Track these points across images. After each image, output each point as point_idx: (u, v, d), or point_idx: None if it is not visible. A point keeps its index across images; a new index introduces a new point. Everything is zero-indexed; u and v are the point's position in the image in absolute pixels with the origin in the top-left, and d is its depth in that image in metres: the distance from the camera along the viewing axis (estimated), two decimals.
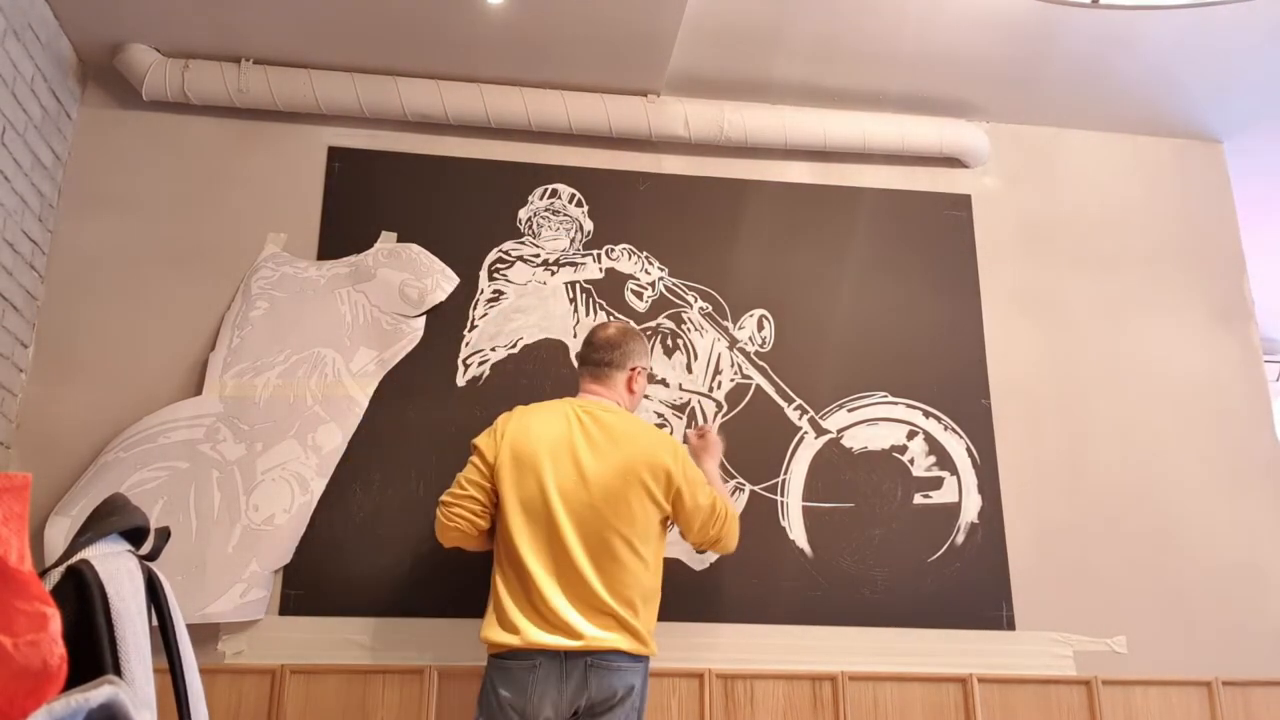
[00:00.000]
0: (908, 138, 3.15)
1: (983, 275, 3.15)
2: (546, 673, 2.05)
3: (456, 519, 2.19)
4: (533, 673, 2.05)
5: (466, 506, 2.20)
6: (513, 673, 2.07)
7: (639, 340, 2.43)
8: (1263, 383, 3.17)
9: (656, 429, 2.38)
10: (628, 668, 2.09)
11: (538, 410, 2.30)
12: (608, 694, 2.05)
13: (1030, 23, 2.81)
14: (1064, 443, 3.01)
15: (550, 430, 2.22)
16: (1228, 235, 3.31)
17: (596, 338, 2.39)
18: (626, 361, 2.37)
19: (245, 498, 2.61)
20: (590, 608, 2.09)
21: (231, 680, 2.51)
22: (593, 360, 2.37)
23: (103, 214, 2.84)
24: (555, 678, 2.05)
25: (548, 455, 2.18)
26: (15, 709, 0.82)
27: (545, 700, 2.04)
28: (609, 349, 2.36)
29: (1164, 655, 2.83)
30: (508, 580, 2.14)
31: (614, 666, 2.07)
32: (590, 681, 2.04)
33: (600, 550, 2.12)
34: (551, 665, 2.05)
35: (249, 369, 2.72)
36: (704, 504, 2.26)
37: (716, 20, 2.81)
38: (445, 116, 2.97)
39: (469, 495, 2.20)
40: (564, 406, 2.29)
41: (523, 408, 2.33)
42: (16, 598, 0.85)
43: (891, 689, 2.70)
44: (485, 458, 2.23)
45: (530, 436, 2.21)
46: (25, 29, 2.56)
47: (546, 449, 2.19)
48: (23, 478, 0.92)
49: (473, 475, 2.23)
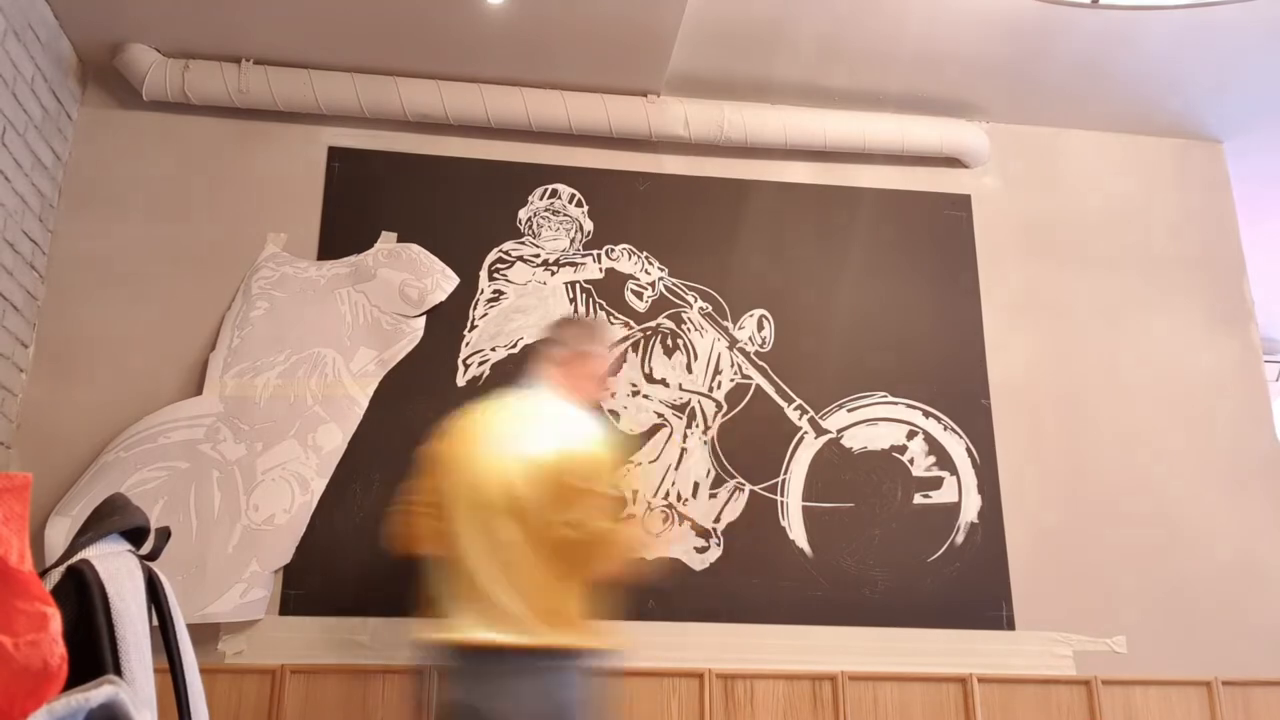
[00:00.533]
0: (908, 138, 3.15)
1: (983, 275, 3.15)
2: (483, 669, 1.99)
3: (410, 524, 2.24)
4: (464, 669, 2.01)
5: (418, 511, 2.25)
6: (457, 669, 2.03)
7: (596, 330, 2.45)
8: (1263, 383, 3.17)
9: (584, 423, 2.22)
10: (556, 665, 1.99)
11: (482, 405, 2.29)
12: (548, 689, 1.99)
13: (1030, 23, 2.81)
14: (1064, 443, 3.01)
15: (487, 423, 2.23)
16: (1228, 235, 3.31)
17: (557, 325, 2.42)
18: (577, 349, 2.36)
19: (245, 498, 2.61)
20: (532, 604, 2.01)
21: (231, 680, 2.51)
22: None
23: (103, 214, 2.84)
24: (484, 674, 1.99)
25: (483, 447, 2.17)
26: (15, 709, 0.82)
27: (491, 698, 1.98)
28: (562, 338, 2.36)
29: (1164, 655, 2.83)
30: (453, 579, 2.11)
31: (553, 665, 1.99)
32: (534, 678, 1.99)
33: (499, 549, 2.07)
34: (490, 661, 1.99)
35: (249, 369, 2.72)
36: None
37: (716, 20, 2.81)
38: (445, 116, 2.97)
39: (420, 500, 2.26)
40: (505, 396, 2.30)
41: (473, 405, 2.32)
42: (17, 598, 0.85)
43: (891, 689, 2.70)
44: (433, 462, 2.24)
45: (470, 431, 2.23)
46: (25, 29, 2.56)
47: (483, 442, 2.18)
48: (23, 478, 0.92)
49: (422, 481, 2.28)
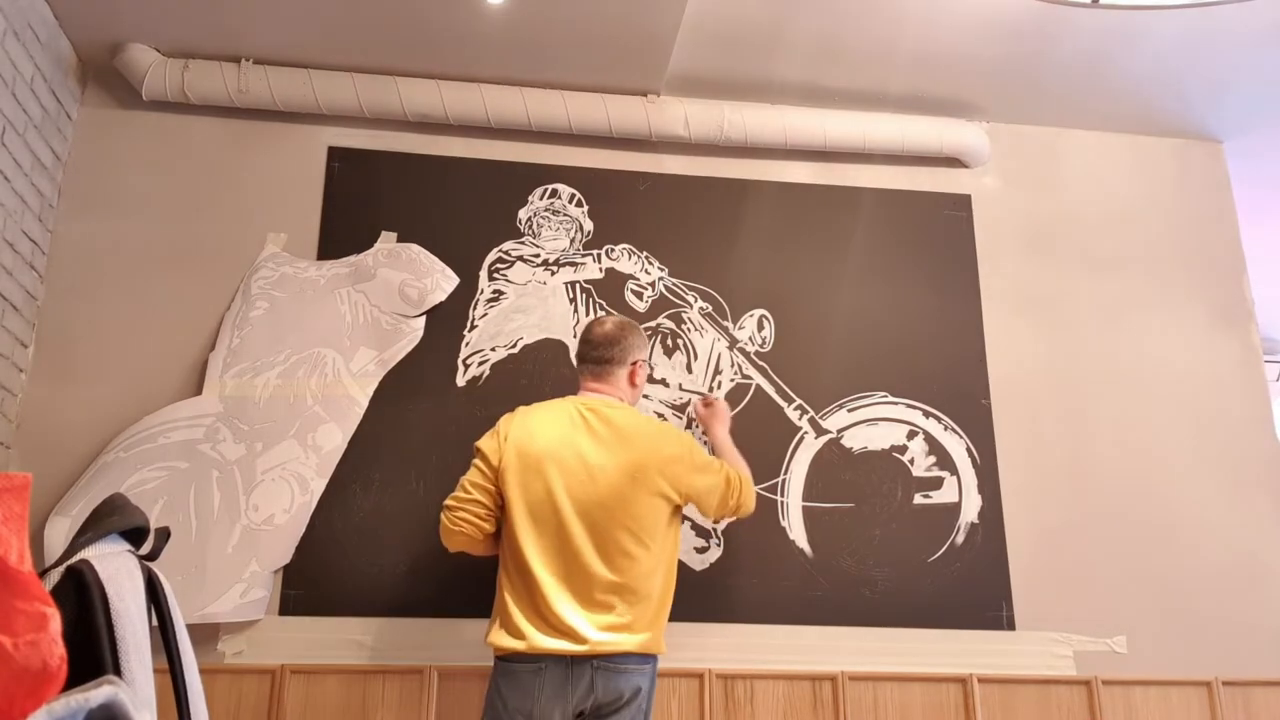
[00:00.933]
0: (908, 138, 3.15)
1: (983, 275, 3.15)
2: (552, 676, 2.03)
3: (461, 523, 2.16)
4: (538, 676, 2.03)
5: (471, 510, 2.17)
6: (518, 676, 2.05)
7: (638, 334, 2.42)
8: (1263, 383, 3.17)
9: (662, 422, 2.38)
10: (635, 669, 2.07)
11: (541, 410, 2.28)
12: (614, 696, 2.04)
13: (1030, 23, 2.81)
14: (1064, 442, 3.01)
15: (555, 430, 2.20)
16: (1228, 235, 3.31)
17: (594, 334, 2.37)
18: (627, 356, 2.35)
19: (245, 498, 2.61)
20: (598, 610, 2.07)
21: (231, 680, 2.51)
22: (592, 358, 2.35)
23: (103, 214, 2.84)
24: (561, 681, 2.03)
25: (554, 455, 2.16)
26: (15, 709, 0.82)
27: (553, 706, 2.02)
28: (609, 345, 2.34)
29: (1164, 655, 2.83)
30: (513, 585, 2.12)
31: (621, 669, 2.05)
32: (597, 684, 2.03)
33: (610, 550, 2.10)
34: (557, 669, 2.03)
35: (249, 369, 2.72)
36: (715, 483, 2.27)
37: (716, 20, 2.81)
38: (445, 116, 2.97)
39: (473, 499, 2.17)
40: (567, 405, 2.27)
41: (525, 408, 2.31)
42: (16, 598, 0.85)
43: (891, 689, 2.70)
44: (489, 460, 2.20)
45: (535, 437, 2.19)
46: (25, 29, 2.56)
47: (552, 449, 2.17)
48: (23, 478, 0.92)
49: (476, 478, 2.20)
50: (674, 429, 2.35)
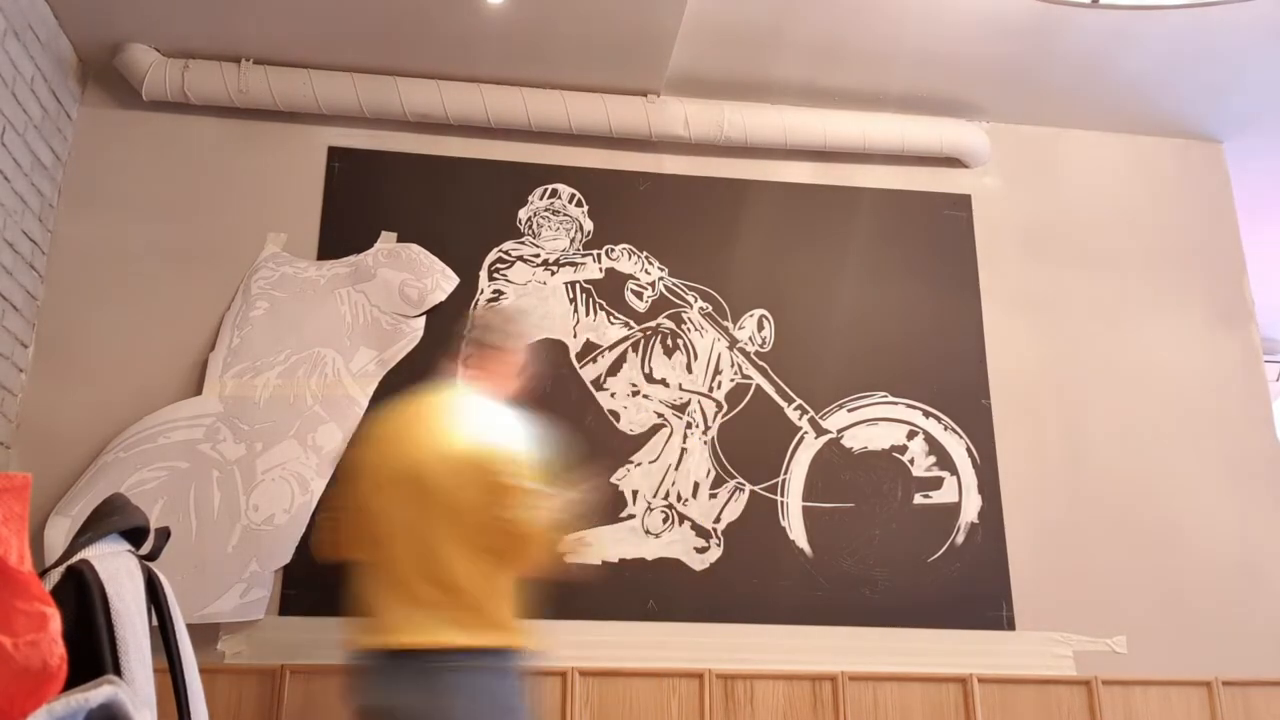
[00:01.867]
0: (908, 138, 3.15)
1: (983, 275, 3.15)
2: (381, 671, 1.95)
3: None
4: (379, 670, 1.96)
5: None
6: (364, 671, 1.99)
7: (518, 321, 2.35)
8: (1263, 383, 3.17)
9: (500, 419, 2.20)
10: (468, 664, 1.96)
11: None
12: (452, 690, 1.93)
13: (1030, 23, 2.81)
14: (1064, 443, 3.01)
15: (395, 422, 2.17)
16: (1228, 235, 3.31)
17: (478, 316, 2.35)
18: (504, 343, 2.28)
19: (245, 498, 2.61)
20: (422, 602, 1.97)
21: (231, 680, 2.51)
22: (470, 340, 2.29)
23: (103, 214, 2.84)
24: (389, 675, 1.95)
25: (395, 443, 2.11)
26: (15, 709, 0.82)
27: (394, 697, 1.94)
28: (485, 329, 2.29)
29: (1164, 655, 2.83)
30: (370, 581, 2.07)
31: (456, 665, 1.95)
32: (421, 682, 1.93)
33: (430, 545, 2.01)
34: (386, 664, 1.96)
35: (249, 369, 2.72)
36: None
37: (716, 20, 2.81)
38: (445, 116, 2.97)
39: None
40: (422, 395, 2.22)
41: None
42: (16, 598, 0.85)
43: (891, 689, 2.70)
44: None
45: (388, 427, 2.16)
46: (25, 29, 2.56)
47: (396, 438, 2.13)
48: (23, 478, 0.92)
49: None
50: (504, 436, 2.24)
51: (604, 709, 2.59)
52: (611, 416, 2.86)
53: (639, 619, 2.69)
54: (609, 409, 2.87)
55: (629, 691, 2.59)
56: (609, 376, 2.90)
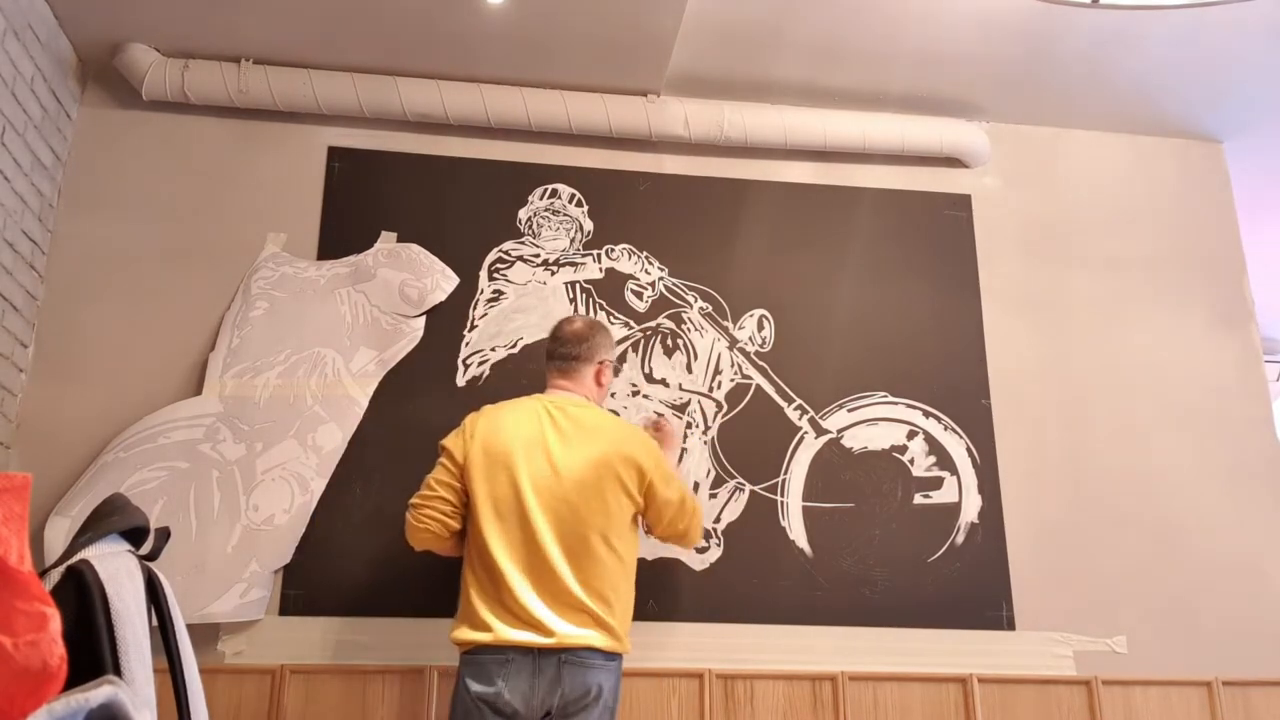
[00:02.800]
0: (908, 138, 3.15)
1: (983, 275, 3.15)
2: (518, 668, 2.03)
3: (427, 520, 2.18)
4: (504, 666, 2.03)
5: (437, 507, 2.19)
6: (484, 666, 2.05)
7: (605, 334, 2.43)
8: (1263, 383, 3.17)
9: (627, 422, 2.37)
10: (600, 665, 2.07)
11: (507, 408, 2.29)
12: (580, 692, 2.03)
13: (1030, 23, 2.81)
14: (1064, 443, 3.01)
15: (521, 428, 2.21)
16: (1228, 235, 3.31)
17: (563, 332, 2.39)
18: (594, 355, 2.36)
19: (245, 498, 2.61)
20: (564, 604, 2.08)
21: (231, 680, 2.51)
22: (560, 355, 2.36)
23: (103, 214, 2.84)
24: (527, 673, 2.02)
25: (520, 452, 2.17)
26: (15, 709, 0.82)
27: (516, 693, 2.01)
28: (576, 343, 2.36)
29: (1164, 655, 2.83)
30: (479, 580, 2.13)
31: (588, 664, 2.05)
32: (564, 679, 2.02)
33: (575, 545, 2.12)
34: (523, 661, 2.03)
35: (249, 369, 2.72)
36: (674, 497, 2.26)
37: (716, 20, 2.81)
38: (445, 116, 2.97)
39: (439, 496, 2.19)
40: (533, 403, 2.28)
41: (491, 406, 2.32)
42: (16, 598, 0.85)
43: (891, 689, 2.70)
44: (454, 458, 2.21)
45: (501, 434, 2.20)
46: (25, 29, 2.56)
47: (518, 446, 2.18)
48: (23, 478, 0.92)
49: (442, 476, 2.21)
50: (640, 432, 2.35)
51: None
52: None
53: (639, 619, 2.68)
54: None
55: (629, 691, 2.58)
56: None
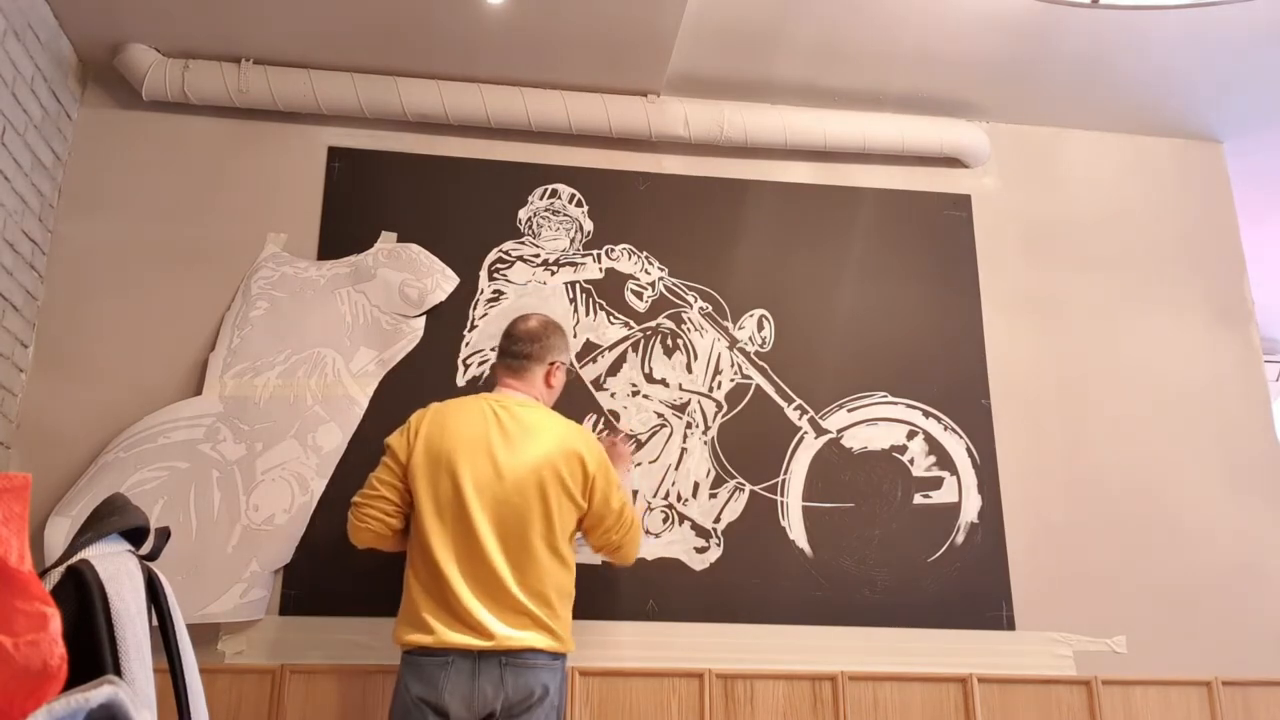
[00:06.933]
0: (908, 138, 3.15)
1: (983, 275, 3.15)
2: (459, 670, 2.02)
3: (368, 519, 2.18)
4: (445, 669, 2.03)
5: (378, 506, 2.19)
6: (424, 668, 2.04)
7: (560, 334, 2.40)
8: (1263, 383, 3.17)
9: (575, 424, 2.32)
10: (545, 665, 2.07)
11: (453, 406, 2.27)
12: (525, 693, 2.02)
13: (1030, 23, 2.81)
14: (1064, 443, 3.01)
15: (466, 427, 2.20)
16: (1228, 235, 3.31)
17: (516, 330, 2.36)
18: (546, 355, 2.34)
19: (245, 498, 2.61)
20: (504, 607, 2.07)
21: (231, 680, 2.51)
22: (511, 353, 2.34)
23: (103, 214, 2.84)
24: (467, 675, 2.02)
25: (463, 453, 2.15)
26: (15, 709, 0.82)
27: (456, 695, 2.01)
28: (528, 341, 2.33)
29: (1164, 655, 2.83)
30: (421, 581, 2.12)
31: (531, 665, 2.05)
32: (507, 681, 2.02)
33: (516, 547, 2.11)
34: (464, 664, 2.03)
35: (249, 369, 2.72)
36: (614, 504, 2.25)
37: (716, 20, 2.81)
38: (445, 116, 2.97)
39: (380, 495, 2.19)
40: (480, 403, 2.26)
41: (438, 404, 2.29)
42: (16, 598, 0.85)
43: (891, 689, 2.70)
44: (398, 457, 2.21)
45: (445, 434, 2.19)
46: (25, 29, 2.56)
47: (462, 446, 2.16)
48: (23, 478, 0.92)
49: (385, 475, 2.21)
50: (589, 433, 2.33)
51: (604, 709, 2.59)
52: (611, 416, 2.86)
53: (639, 619, 2.69)
54: (609, 409, 2.87)
55: (629, 691, 2.59)
56: (609, 376, 2.90)
